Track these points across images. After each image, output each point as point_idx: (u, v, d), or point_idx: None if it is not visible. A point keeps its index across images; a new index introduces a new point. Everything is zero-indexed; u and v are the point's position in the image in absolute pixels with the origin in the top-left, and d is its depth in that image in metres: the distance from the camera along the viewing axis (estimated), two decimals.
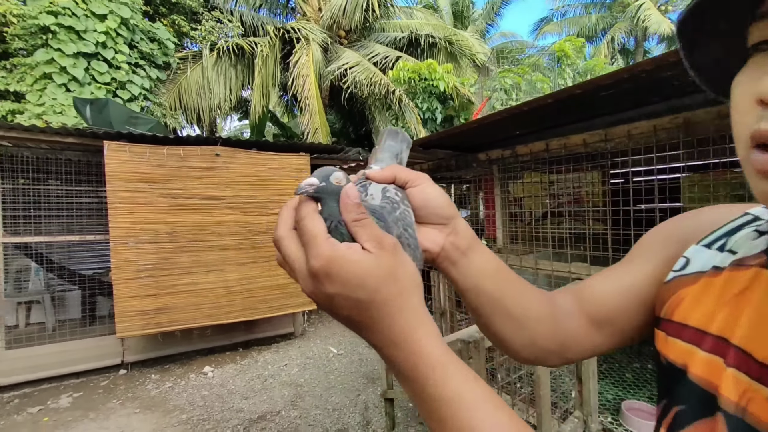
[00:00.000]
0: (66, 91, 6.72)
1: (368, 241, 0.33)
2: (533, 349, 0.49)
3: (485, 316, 0.48)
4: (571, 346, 0.49)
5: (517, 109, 1.62)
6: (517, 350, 0.50)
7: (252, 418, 3.28)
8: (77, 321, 4.67)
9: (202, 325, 4.30)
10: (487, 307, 0.47)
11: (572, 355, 0.50)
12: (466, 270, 0.46)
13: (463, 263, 0.46)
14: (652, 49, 19.15)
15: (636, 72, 1.22)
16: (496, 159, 2.27)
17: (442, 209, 0.46)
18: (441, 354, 0.33)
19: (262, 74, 8.68)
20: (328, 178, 0.36)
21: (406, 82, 8.06)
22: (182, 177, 4.25)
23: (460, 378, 0.32)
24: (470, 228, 0.48)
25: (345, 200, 0.34)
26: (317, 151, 5.30)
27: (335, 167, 0.37)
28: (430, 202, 0.45)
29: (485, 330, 0.50)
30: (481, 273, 0.46)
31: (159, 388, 3.80)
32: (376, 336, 0.34)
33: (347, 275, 0.32)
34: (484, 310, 0.47)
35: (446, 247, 0.46)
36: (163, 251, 4.11)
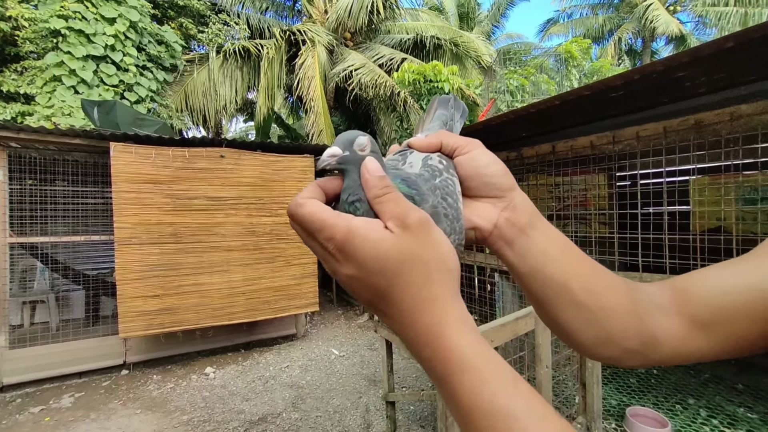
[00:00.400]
0: (75, 93, 6.81)
1: (390, 219, 0.30)
2: (609, 346, 0.41)
3: (548, 305, 0.41)
4: (659, 347, 0.40)
5: (524, 111, 1.59)
6: (588, 346, 0.42)
7: (253, 420, 3.26)
8: (81, 321, 4.70)
9: (205, 326, 4.30)
10: (550, 294, 0.40)
11: (659, 357, 0.41)
12: (525, 251, 0.40)
13: (521, 243, 0.40)
14: (660, 50, 18.96)
15: (647, 73, 1.18)
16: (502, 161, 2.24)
17: (495, 179, 0.39)
18: (475, 353, 0.28)
19: (268, 76, 8.72)
20: (351, 146, 0.33)
21: (411, 84, 8.04)
22: (187, 178, 4.26)
23: (498, 383, 0.28)
24: (530, 201, 0.42)
25: (365, 175, 0.31)
26: (321, 153, 5.29)
27: (360, 132, 0.33)
28: (481, 170, 0.39)
29: (548, 322, 0.43)
30: (544, 254, 0.39)
31: (160, 389, 3.80)
32: (401, 329, 0.31)
33: (364, 256, 0.28)
34: (546, 298, 0.40)
35: (500, 224, 0.39)
36: (167, 252, 4.12)
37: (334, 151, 0.32)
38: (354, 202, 0.31)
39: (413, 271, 0.29)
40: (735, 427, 2.23)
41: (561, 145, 1.94)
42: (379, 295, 0.30)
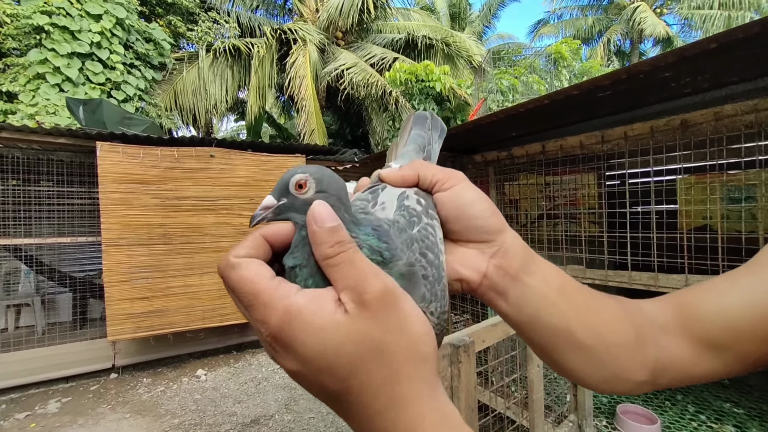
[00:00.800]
0: (60, 92, 6.66)
1: (345, 290, 0.23)
2: (618, 383, 0.38)
3: (550, 351, 0.37)
4: (666, 372, 0.37)
5: (513, 110, 1.60)
6: (597, 385, 0.38)
7: (245, 422, 3.23)
8: (67, 324, 4.60)
9: (195, 328, 4.24)
10: (551, 341, 0.36)
11: (668, 381, 0.38)
12: (519, 300, 0.35)
13: (514, 292, 0.35)
14: (647, 51, 19.30)
15: (633, 73, 1.19)
16: (492, 161, 2.25)
17: (483, 220, 0.34)
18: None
19: (259, 75, 8.65)
20: (287, 189, 0.26)
21: (402, 84, 8.05)
22: (176, 178, 4.20)
23: None
24: (521, 240, 0.37)
25: (311, 227, 0.24)
26: (313, 153, 5.27)
27: (300, 168, 0.28)
28: (466, 210, 0.34)
29: (552, 365, 0.39)
30: (541, 300, 0.35)
31: (151, 392, 3.74)
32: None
33: (307, 350, 0.22)
34: (548, 344, 0.37)
35: (490, 274, 0.34)
36: (156, 253, 4.06)
37: (267, 202, 0.26)
38: (294, 267, 0.25)
39: (374, 367, 0.22)
40: (722, 422, 2.28)
41: (551, 145, 1.96)
42: (331, 397, 0.24)
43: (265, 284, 0.23)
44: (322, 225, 0.24)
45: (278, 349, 0.23)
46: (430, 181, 0.35)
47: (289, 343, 0.22)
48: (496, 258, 0.34)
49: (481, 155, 2.28)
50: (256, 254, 0.25)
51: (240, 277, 0.24)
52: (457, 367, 1.24)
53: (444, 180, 0.35)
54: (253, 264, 0.24)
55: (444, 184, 0.35)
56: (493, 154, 2.20)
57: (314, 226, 0.24)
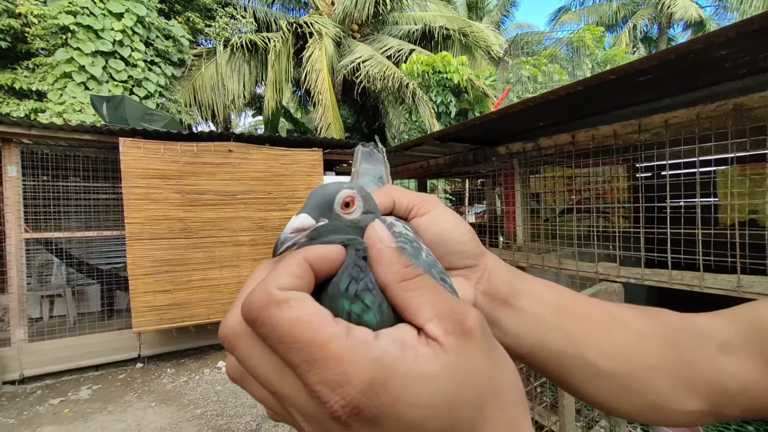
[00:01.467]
0: (85, 90, 6.85)
1: (435, 320, 0.18)
2: (659, 413, 0.31)
3: (566, 381, 0.32)
4: (734, 400, 0.30)
5: (543, 99, 1.50)
6: (634, 416, 0.32)
7: (265, 415, 3.27)
8: (96, 315, 4.77)
9: (215, 321, 4.32)
10: (562, 370, 0.31)
11: (738, 412, 0.30)
12: (515, 327, 0.31)
13: (507, 319, 0.32)
14: (677, 36, 18.37)
15: (683, 52, 1.07)
16: (517, 152, 2.15)
17: (464, 245, 0.31)
18: None
19: (275, 69, 8.68)
20: (330, 208, 0.22)
21: (419, 76, 7.92)
22: (196, 173, 4.25)
23: None
24: (503, 262, 0.34)
25: (377, 245, 0.20)
26: (330, 146, 5.24)
27: (341, 182, 0.24)
28: (446, 236, 0.31)
29: (576, 395, 0.33)
30: (539, 324, 0.31)
31: (174, 383, 3.84)
32: None
33: (415, 411, 0.16)
34: (560, 374, 0.32)
35: (479, 302, 0.32)
36: (177, 247, 4.13)
37: (302, 223, 0.21)
38: (361, 293, 0.19)
39: (495, 411, 0.18)
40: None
41: (581, 135, 1.85)
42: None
43: (331, 330, 0.16)
44: (388, 244, 0.20)
45: (363, 423, 0.16)
46: (407, 206, 0.31)
47: (387, 409, 0.16)
48: (482, 284, 0.32)
49: (506, 146, 2.18)
50: (304, 286, 0.19)
51: (295, 320, 0.16)
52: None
53: (421, 204, 0.31)
54: (307, 302, 0.18)
55: (421, 208, 0.31)
56: (519, 146, 2.10)
57: (379, 244, 0.20)
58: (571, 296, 0.33)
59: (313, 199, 0.22)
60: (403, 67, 8.20)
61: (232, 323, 0.20)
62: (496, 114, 1.71)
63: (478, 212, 7.66)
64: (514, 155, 2.17)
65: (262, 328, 0.17)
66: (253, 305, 0.18)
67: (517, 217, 2.26)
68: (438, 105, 7.95)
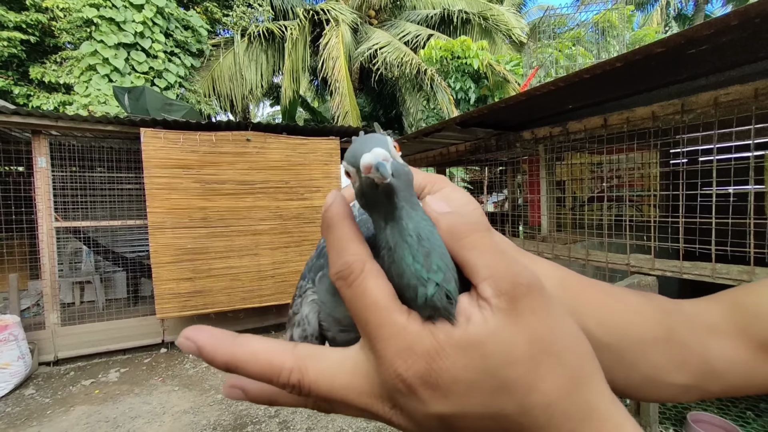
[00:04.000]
0: (109, 82, 7.01)
1: (490, 279, 0.18)
2: (653, 387, 0.33)
3: None
4: (718, 377, 0.33)
5: (576, 77, 1.38)
6: (631, 391, 0.33)
7: None
8: (122, 301, 4.95)
9: (236, 309, 4.40)
10: None
11: (720, 389, 0.34)
12: None
13: None
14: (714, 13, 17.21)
15: (748, 16, 0.92)
16: (543, 137, 2.03)
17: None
18: None
19: (292, 58, 8.63)
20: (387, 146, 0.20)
21: (438, 61, 7.70)
22: (215, 162, 4.29)
23: None
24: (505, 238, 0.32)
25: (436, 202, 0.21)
26: (347, 135, 5.18)
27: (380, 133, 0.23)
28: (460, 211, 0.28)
29: None
30: None
31: (196, 368, 3.95)
32: None
33: (468, 371, 0.17)
34: None
35: None
36: (198, 236, 4.20)
37: (378, 156, 0.18)
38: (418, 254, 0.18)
39: (553, 372, 0.18)
40: None
41: (614, 118, 1.71)
42: (502, 427, 0.18)
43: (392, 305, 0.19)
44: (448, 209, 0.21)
45: (425, 388, 0.18)
46: (420, 184, 0.30)
47: (444, 373, 0.18)
48: None
49: (531, 131, 2.06)
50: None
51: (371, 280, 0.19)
52: None
53: (433, 182, 0.30)
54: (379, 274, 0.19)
55: (434, 186, 0.30)
56: (545, 130, 1.98)
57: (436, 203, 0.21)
58: (574, 274, 0.33)
59: (374, 137, 0.21)
60: (420, 53, 8.00)
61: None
62: (524, 96, 1.60)
63: (496, 201, 7.48)
64: (539, 140, 2.05)
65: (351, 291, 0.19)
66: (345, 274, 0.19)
67: (542, 205, 2.14)
68: (457, 92, 7.73)
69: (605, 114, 1.76)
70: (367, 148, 0.19)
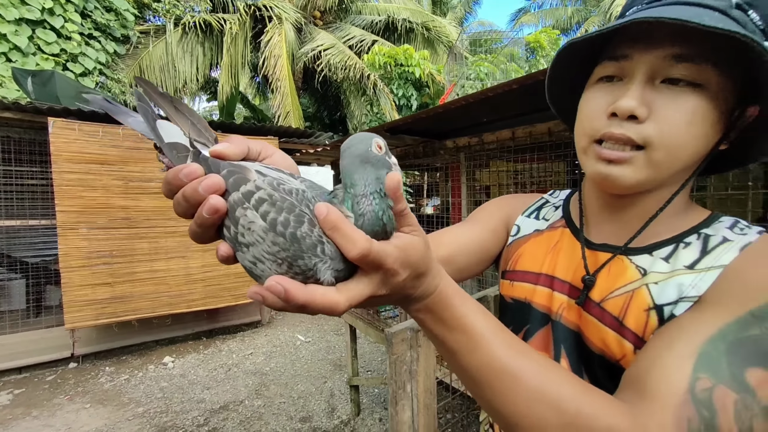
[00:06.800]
0: (6, 62, 6.11)
1: (411, 225, 0.36)
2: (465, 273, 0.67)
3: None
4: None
5: (482, 95, 1.57)
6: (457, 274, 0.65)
7: (214, 408, 3.18)
8: (20, 313, 4.34)
9: (161, 314, 4.11)
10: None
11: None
12: None
13: None
14: None
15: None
16: (463, 146, 2.24)
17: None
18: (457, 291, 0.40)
19: (231, 53, 8.26)
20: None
21: (381, 67, 7.90)
22: (141, 159, 3.99)
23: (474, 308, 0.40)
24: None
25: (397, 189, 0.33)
26: (286, 135, 5.12)
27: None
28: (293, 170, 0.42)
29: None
30: None
31: (113, 381, 3.62)
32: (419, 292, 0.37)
33: (413, 261, 0.34)
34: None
35: None
36: (119, 237, 3.87)
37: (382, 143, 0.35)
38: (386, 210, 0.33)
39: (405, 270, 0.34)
40: None
41: (520, 131, 1.96)
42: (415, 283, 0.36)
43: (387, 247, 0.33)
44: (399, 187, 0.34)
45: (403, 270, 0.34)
46: (256, 150, 0.39)
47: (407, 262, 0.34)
48: None
49: (453, 141, 2.26)
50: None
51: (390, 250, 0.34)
52: (416, 350, 1.25)
53: (264, 149, 0.40)
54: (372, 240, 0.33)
55: (267, 151, 0.40)
56: (465, 140, 2.19)
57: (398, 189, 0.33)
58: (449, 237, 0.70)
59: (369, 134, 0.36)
60: (365, 57, 8.14)
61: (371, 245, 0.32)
62: (441, 108, 1.77)
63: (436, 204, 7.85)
64: (460, 149, 2.25)
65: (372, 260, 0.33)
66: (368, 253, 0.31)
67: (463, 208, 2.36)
68: (399, 98, 7.99)
69: (513, 128, 2.01)
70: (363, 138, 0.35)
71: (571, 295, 0.55)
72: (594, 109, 0.49)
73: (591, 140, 0.49)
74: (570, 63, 0.53)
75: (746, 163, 0.53)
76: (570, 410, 0.34)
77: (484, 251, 0.68)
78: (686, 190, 0.51)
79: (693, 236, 0.49)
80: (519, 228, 0.68)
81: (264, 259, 0.32)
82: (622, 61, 0.47)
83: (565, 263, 0.58)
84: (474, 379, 0.37)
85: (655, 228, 0.51)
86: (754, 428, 0.33)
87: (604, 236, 0.56)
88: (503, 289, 0.65)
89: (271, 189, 0.32)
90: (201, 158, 0.34)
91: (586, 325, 0.52)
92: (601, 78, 0.49)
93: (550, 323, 0.57)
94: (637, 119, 0.44)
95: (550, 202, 0.69)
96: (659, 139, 0.44)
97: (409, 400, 1.22)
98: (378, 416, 3.08)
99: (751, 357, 0.36)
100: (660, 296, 0.46)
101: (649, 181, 0.48)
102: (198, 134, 0.37)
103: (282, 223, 0.31)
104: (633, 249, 0.52)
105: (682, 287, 0.45)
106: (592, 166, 0.49)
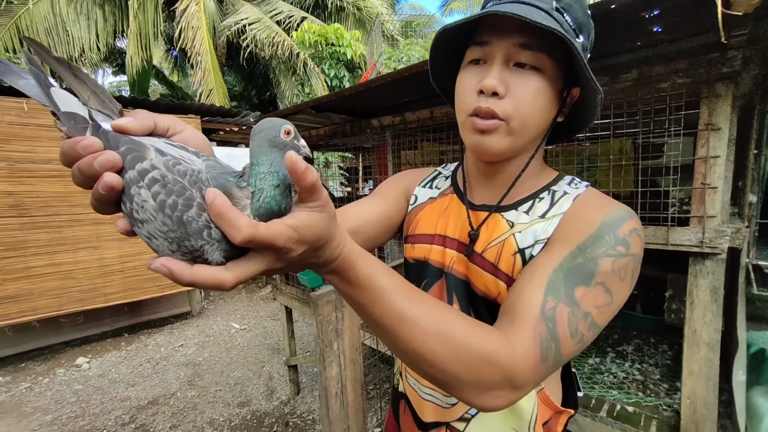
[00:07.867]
0: None
1: (321, 202, 0.36)
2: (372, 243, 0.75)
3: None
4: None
5: (399, 74, 1.67)
6: (365, 244, 0.72)
7: (140, 405, 3.02)
8: None
9: (69, 312, 3.70)
10: None
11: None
12: None
13: None
14: None
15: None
16: (388, 125, 2.34)
17: (210, 150, 0.44)
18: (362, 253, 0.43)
19: (139, 20, 7.32)
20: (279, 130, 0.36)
21: (312, 46, 7.66)
22: (30, 137, 3.46)
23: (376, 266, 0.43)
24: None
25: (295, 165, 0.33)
26: (209, 114, 4.80)
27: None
28: (204, 146, 0.42)
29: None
30: None
31: (11, 392, 3.21)
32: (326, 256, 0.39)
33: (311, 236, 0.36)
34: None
35: None
36: (6, 228, 3.36)
37: (290, 129, 0.36)
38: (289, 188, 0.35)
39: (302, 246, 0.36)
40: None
41: (438, 111, 2.11)
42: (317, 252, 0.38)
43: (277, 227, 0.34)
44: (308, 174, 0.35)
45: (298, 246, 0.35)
46: (164, 126, 0.40)
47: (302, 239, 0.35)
48: None
49: (378, 120, 2.35)
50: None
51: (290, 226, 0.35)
52: (341, 311, 1.35)
53: (175, 125, 0.41)
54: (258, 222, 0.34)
55: (177, 127, 0.41)
56: (389, 119, 2.28)
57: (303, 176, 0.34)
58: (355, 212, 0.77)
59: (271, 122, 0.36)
60: (294, 35, 7.80)
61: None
62: (363, 86, 1.84)
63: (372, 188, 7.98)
64: (385, 128, 2.35)
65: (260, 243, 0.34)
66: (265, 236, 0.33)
67: None
68: (331, 78, 7.85)
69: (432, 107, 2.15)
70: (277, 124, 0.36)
71: (459, 250, 0.66)
72: (466, 88, 0.57)
73: (467, 114, 0.57)
74: (447, 47, 0.61)
75: (578, 132, 0.69)
76: (458, 342, 0.42)
77: (389, 220, 0.76)
78: (539, 155, 0.64)
79: (545, 192, 0.62)
80: (416, 197, 0.77)
81: (157, 236, 0.33)
82: (485, 46, 0.56)
83: (454, 223, 0.68)
84: (380, 326, 0.43)
85: (519, 188, 0.64)
86: (579, 329, 0.47)
87: (483, 198, 0.67)
88: (406, 252, 0.74)
89: (165, 169, 0.32)
90: (101, 132, 0.33)
91: (472, 273, 0.63)
92: (471, 61, 0.58)
93: (443, 276, 0.67)
94: (499, 95, 0.53)
95: (442, 173, 0.79)
96: (513, 111, 0.54)
97: (336, 357, 1.33)
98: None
99: (577, 279, 0.49)
100: (522, 242, 0.58)
101: (511, 147, 0.57)
102: (101, 105, 0.37)
103: (170, 206, 0.31)
104: (504, 207, 0.64)
105: (537, 233, 0.58)
106: (470, 137, 0.58)
